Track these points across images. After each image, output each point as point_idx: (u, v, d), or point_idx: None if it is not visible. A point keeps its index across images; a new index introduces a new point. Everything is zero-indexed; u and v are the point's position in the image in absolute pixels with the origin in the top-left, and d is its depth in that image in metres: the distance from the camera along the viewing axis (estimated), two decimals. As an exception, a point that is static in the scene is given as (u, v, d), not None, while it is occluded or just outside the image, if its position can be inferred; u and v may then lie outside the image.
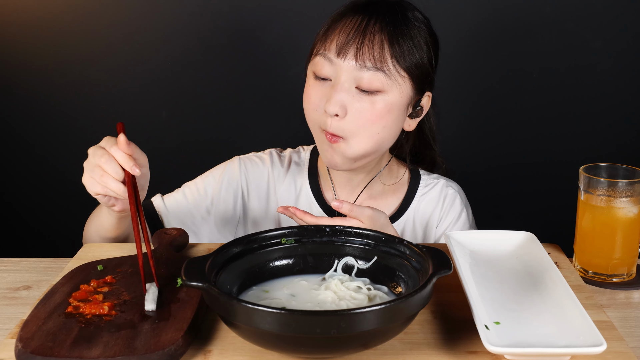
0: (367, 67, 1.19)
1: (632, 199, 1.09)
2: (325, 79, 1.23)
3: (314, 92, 1.24)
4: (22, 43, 2.01)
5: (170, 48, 2.01)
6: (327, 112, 1.21)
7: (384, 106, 1.21)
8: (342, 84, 1.20)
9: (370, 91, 1.20)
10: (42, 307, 0.92)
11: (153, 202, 1.37)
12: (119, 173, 1.05)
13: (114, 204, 1.15)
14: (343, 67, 1.20)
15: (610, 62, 1.98)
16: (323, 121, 1.23)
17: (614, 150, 2.02)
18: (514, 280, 1.00)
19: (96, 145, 1.10)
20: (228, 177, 1.39)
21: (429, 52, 1.25)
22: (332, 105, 1.20)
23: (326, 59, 1.22)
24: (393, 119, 1.24)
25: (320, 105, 1.23)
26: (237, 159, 1.42)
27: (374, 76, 1.19)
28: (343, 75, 1.21)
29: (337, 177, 1.37)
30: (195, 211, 1.37)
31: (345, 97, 1.20)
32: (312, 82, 1.25)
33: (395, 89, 1.22)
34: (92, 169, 1.08)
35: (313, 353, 0.82)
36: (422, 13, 1.28)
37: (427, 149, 1.41)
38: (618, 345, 0.87)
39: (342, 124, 1.21)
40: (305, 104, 1.26)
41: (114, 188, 1.06)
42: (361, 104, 1.21)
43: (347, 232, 0.99)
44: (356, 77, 1.20)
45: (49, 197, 2.14)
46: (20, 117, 2.08)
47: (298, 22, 1.96)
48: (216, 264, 0.90)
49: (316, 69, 1.24)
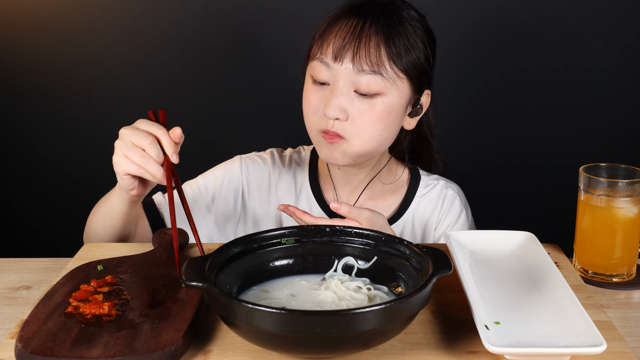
0: (364, 70, 1.19)
1: (632, 199, 1.09)
2: (323, 83, 1.23)
3: (313, 96, 1.25)
4: (22, 43, 2.01)
5: (171, 48, 2.01)
6: (327, 116, 1.21)
7: (383, 108, 1.21)
8: (340, 89, 1.21)
9: (369, 94, 1.21)
10: (42, 307, 0.92)
11: (154, 199, 1.37)
12: (161, 156, 1.06)
13: (134, 188, 1.13)
14: (340, 72, 1.21)
15: (610, 62, 1.98)
16: (324, 123, 1.23)
17: (614, 150, 2.02)
18: (514, 280, 1.00)
19: (130, 126, 1.08)
20: (229, 176, 1.39)
21: (425, 50, 1.25)
22: (332, 109, 1.20)
23: (323, 63, 1.22)
24: (393, 119, 1.24)
25: (319, 109, 1.23)
26: (238, 158, 1.42)
27: (371, 80, 1.20)
28: (341, 80, 1.21)
29: (337, 177, 1.37)
30: (196, 208, 1.37)
31: (344, 101, 1.21)
32: (310, 86, 1.26)
33: (394, 90, 1.22)
34: (129, 149, 1.06)
35: (313, 353, 0.82)
36: (417, 11, 1.27)
37: (424, 145, 1.40)
38: (618, 345, 0.87)
39: (344, 126, 1.21)
40: (305, 108, 1.27)
41: (152, 170, 1.05)
42: (361, 107, 1.21)
43: (347, 232, 0.99)
44: (354, 81, 1.20)
45: (49, 196, 2.15)
46: (21, 117, 2.08)
47: (298, 22, 1.96)
48: (216, 264, 0.90)
49: (314, 73, 1.24)
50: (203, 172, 1.43)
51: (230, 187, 1.39)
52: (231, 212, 1.39)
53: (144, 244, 1.20)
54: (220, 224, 1.38)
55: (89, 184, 2.11)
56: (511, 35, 1.97)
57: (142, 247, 1.17)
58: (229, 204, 1.39)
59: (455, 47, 1.95)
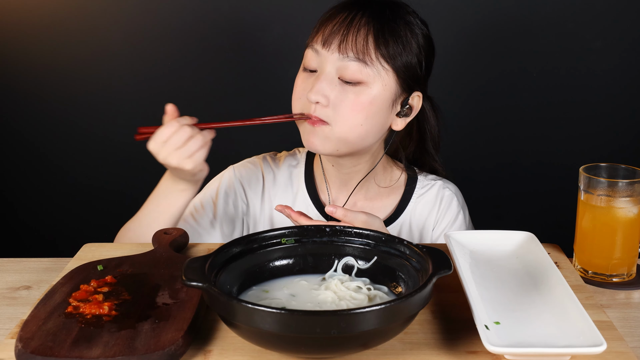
0: (349, 57, 1.21)
1: (632, 199, 1.09)
2: (313, 70, 1.26)
3: (300, 82, 1.28)
4: (22, 43, 2.01)
5: (171, 48, 2.01)
6: (309, 100, 1.23)
7: (366, 98, 1.22)
8: (325, 74, 1.23)
9: (353, 82, 1.22)
10: (42, 307, 0.92)
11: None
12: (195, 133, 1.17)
13: (204, 168, 1.21)
14: (327, 58, 1.23)
15: (610, 62, 1.98)
16: (306, 107, 1.24)
17: (614, 150, 2.02)
18: (514, 280, 1.00)
19: (152, 141, 1.18)
20: (225, 187, 1.40)
21: (419, 53, 1.26)
22: (314, 93, 1.22)
23: (313, 50, 1.25)
24: (375, 111, 1.24)
25: (304, 94, 1.25)
26: (231, 168, 1.43)
27: (356, 67, 1.21)
28: (328, 66, 1.23)
29: (331, 178, 1.37)
30: (200, 227, 1.37)
31: (327, 87, 1.22)
32: (300, 73, 1.29)
33: (378, 81, 1.22)
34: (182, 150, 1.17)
35: (313, 353, 0.82)
36: (419, 17, 1.29)
37: (427, 157, 1.41)
38: (618, 345, 0.87)
39: (326, 111, 1.23)
40: (293, 94, 1.29)
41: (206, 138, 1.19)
42: (343, 95, 1.22)
43: (347, 232, 0.99)
44: (339, 67, 1.22)
45: (49, 196, 2.15)
46: (21, 117, 2.08)
47: (298, 22, 1.96)
48: (216, 264, 0.90)
49: (305, 61, 1.27)
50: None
51: (229, 199, 1.40)
52: (235, 220, 1.40)
53: (144, 244, 1.20)
54: (227, 233, 1.39)
55: (89, 184, 2.11)
56: (511, 35, 1.97)
57: (142, 247, 1.17)
58: (231, 213, 1.39)
59: (455, 47, 1.96)
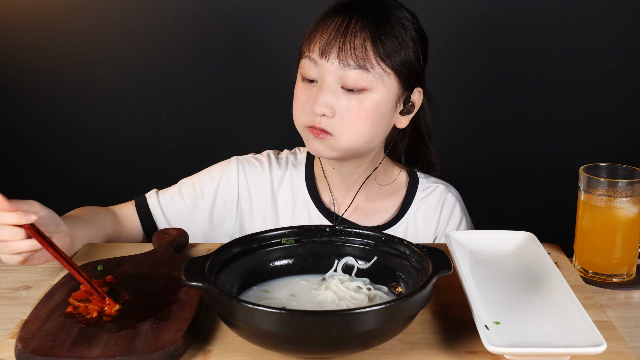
0: (350, 66, 1.20)
1: (632, 199, 1.09)
2: (312, 80, 1.24)
3: (301, 93, 1.26)
4: (22, 43, 2.01)
5: (171, 48, 2.01)
6: (314, 112, 1.22)
7: (370, 104, 1.22)
8: (327, 85, 1.21)
9: (356, 90, 1.21)
10: (42, 307, 0.92)
11: (147, 199, 1.37)
12: (18, 232, 1.01)
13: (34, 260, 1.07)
14: (327, 68, 1.21)
15: (610, 62, 1.98)
16: (310, 119, 1.23)
17: (614, 150, 2.02)
18: (514, 280, 1.00)
19: None
20: (225, 178, 1.39)
21: (415, 48, 1.25)
22: (319, 106, 1.21)
23: (311, 60, 1.23)
24: (381, 115, 1.24)
25: (307, 106, 1.24)
26: (235, 160, 1.42)
27: (358, 75, 1.20)
28: (328, 76, 1.22)
29: (332, 178, 1.37)
30: (192, 209, 1.37)
31: (331, 98, 1.21)
32: (299, 84, 1.27)
33: (381, 86, 1.22)
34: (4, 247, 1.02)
35: (313, 353, 0.82)
36: (408, 10, 1.28)
37: (422, 148, 1.40)
38: (618, 345, 0.87)
39: (331, 122, 1.22)
40: (293, 105, 1.28)
41: (24, 247, 1.01)
42: (348, 103, 1.21)
43: (347, 232, 0.99)
44: (340, 76, 1.21)
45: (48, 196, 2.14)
46: (20, 117, 2.08)
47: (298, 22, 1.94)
48: (216, 264, 0.90)
49: (303, 71, 1.26)
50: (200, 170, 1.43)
51: (227, 189, 1.39)
52: (227, 213, 1.39)
53: (144, 244, 1.20)
54: (216, 224, 1.38)
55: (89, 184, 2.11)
56: (511, 35, 1.97)
57: (142, 247, 1.17)
58: (225, 206, 1.39)
59: (454, 46, 1.95)
